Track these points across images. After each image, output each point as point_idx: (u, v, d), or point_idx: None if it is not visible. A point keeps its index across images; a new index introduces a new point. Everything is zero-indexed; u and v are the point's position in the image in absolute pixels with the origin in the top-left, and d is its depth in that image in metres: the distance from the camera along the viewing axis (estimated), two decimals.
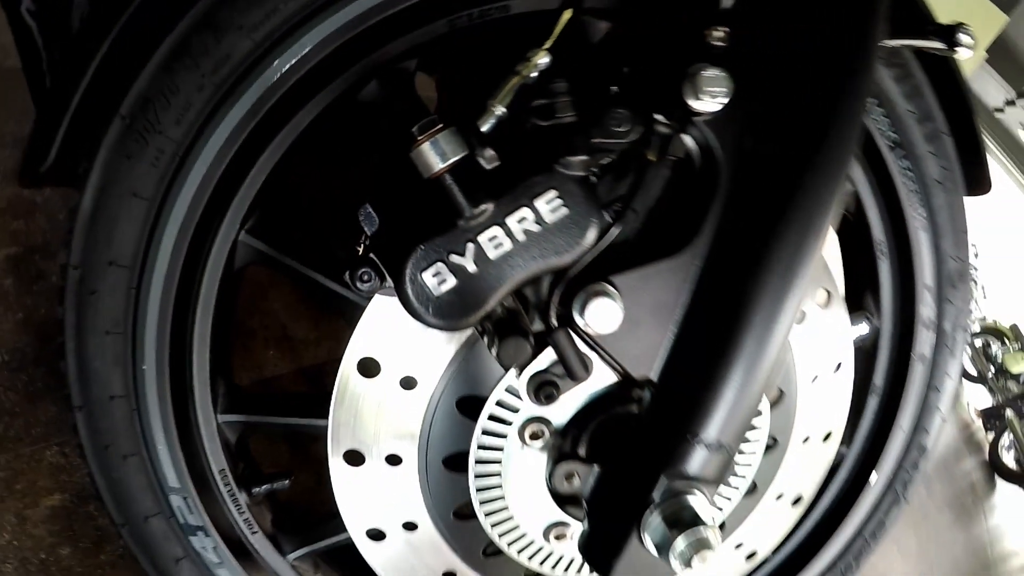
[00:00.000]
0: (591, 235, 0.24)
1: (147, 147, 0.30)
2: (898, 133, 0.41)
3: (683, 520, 0.26)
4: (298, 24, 0.28)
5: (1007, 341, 4.02)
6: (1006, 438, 3.24)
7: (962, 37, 0.33)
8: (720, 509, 0.37)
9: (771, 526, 0.43)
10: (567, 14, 0.25)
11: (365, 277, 0.25)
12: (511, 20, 0.31)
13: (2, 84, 0.65)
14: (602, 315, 0.24)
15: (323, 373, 0.55)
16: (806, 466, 0.43)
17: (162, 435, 0.36)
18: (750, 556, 0.43)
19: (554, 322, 0.25)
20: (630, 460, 0.28)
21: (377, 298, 0.28)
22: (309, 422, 0.37)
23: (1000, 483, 3.40)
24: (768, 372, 0.27)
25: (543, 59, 0.24)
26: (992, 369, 3.77)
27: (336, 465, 0.32)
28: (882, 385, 0.48)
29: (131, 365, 0.34)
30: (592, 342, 0.26)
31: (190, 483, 0.37)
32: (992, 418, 3.50)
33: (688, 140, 0.27)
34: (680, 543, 0.26)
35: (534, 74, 0.24)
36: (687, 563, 0.25)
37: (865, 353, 0.49)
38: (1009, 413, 3.35)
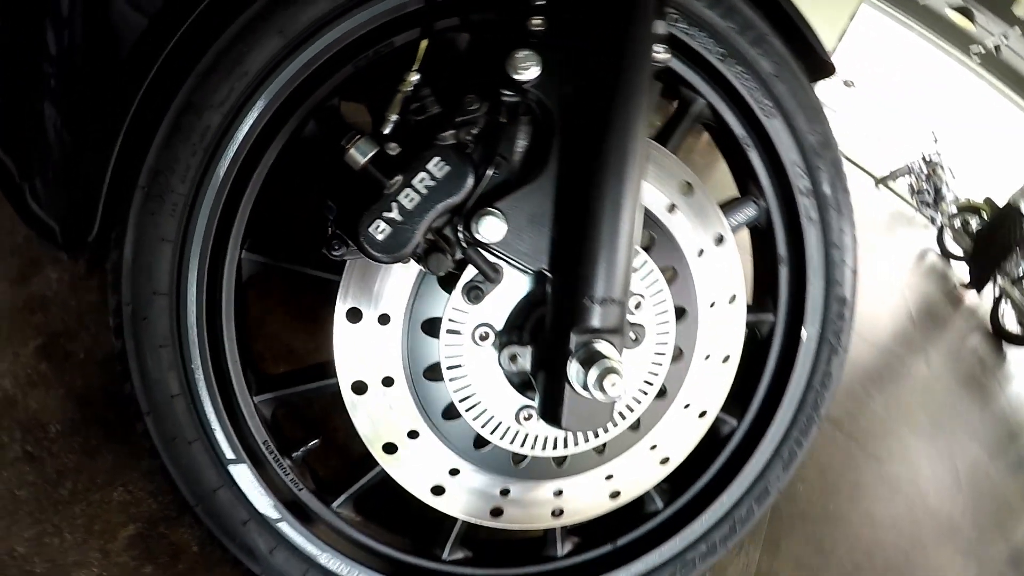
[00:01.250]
0: (470, 180, 0.42)
1: (164, 203, 0.49)
2: (724, 47, 0.60)
3: (592, 359, 0.44)
4: (250, 94, 0.47)
5: (983, 214, 4.48)
6: (1004, 306, 3.61)
7: None
8: (644, 388, 0.55)
9: (681, 434, 0.61)
10: (424, 43, 0.45)
11: (336, 246, 0.44)
12: (397, 51, 0.51)
13: None
14: (490, 228, 0.43)
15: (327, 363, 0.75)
16: (709, 382, 0.61)
17: (215, 419, 0.55)
18: (664, 461, 0.61)
19: (463, 243, 0.44)
20: (550, 331, 0.47)
21: (348, 264, 0.47)
22: (321, 384, 0.56)
23: (1010, 353, 3.78)
24: (626, 241, 0.45)
25: (414, 77, 0.43)
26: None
27: (347, 393, 0.51)
28: (786, 254, 0.66)
29: (182, 368, 0.53)
30: (493, 250, 0.44)
31: (243, 453, 0.56)
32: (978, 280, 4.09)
33: (529, 100, 0.46)
34: (592, 374, 0.44)
35: (411, 88, 0.43)
36: (601, 388, 0.44)
37: (762, 232, 0.67)
38: (1000, 281, 3.78)
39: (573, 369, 0.44)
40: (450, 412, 0.52)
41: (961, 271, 4.92)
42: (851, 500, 1.49)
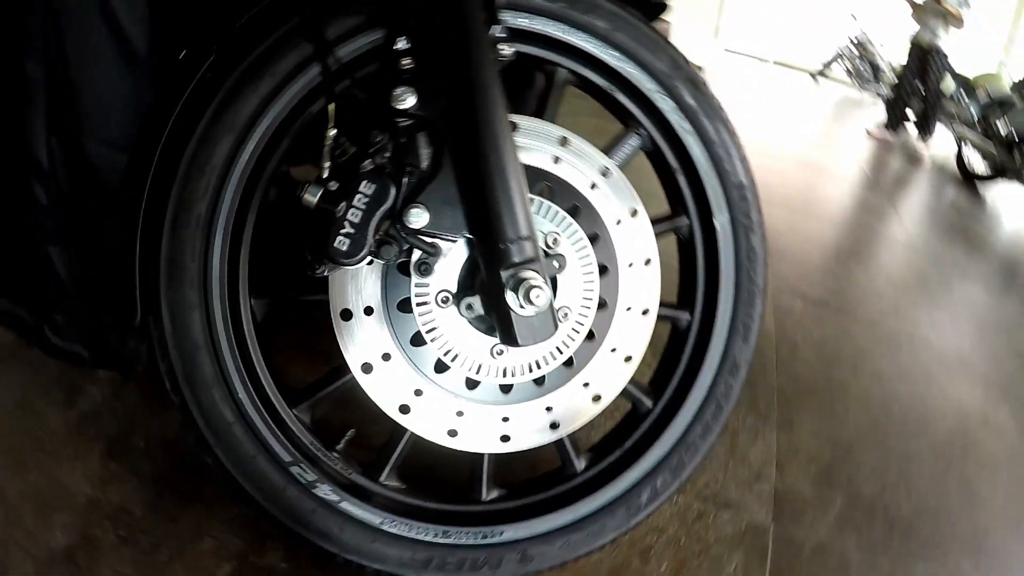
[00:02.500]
0: (392, 189, 0.70)
1: (183, 280, 0.77)
2: (564, 23, 0.87)
3: (519, 283, 0.71)
4: (222, 181, 0.75)
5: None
6: (965, 149, 4.07)
7: None
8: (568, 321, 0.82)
9: (610, 375, 0.87)
10: (331, 106, 0.72)
11: (316, 266, 0.71)
12: (317, 115, 0.79)
13: None
14: (417, 217, 0.70)
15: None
16: (631, 330, 0.87)
17: (268, 433, 0.82)
18: (596, 399, 0.88)
19: (403, 234, 0.71)
20: (486, 277, 0.74)
21: (329, 279, 0.75)
22: (338, 383, 0.83)
23: (986, 193, 4.24)
24: (516, 194, 0.72)
25: (332, 132, 0.71)
26: None
27: (359, 376, 0.78)
28: (677, 164, 0.93)
29: (232, 400, 0.80)
30: (425, 232, 0.71)
31: (298, 455, 0.83)
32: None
33: (417, 119, 0.74)
34: (521, 294, 0.71)
35: (332, 140, 0.71)
36: (530, 301, 0.70)
37: (654, 153, 0.94)
38: (958, 129, 4.37)
39: (510, 297, 0.71)
40: (440, 366, 0.79)
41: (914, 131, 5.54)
42: (854, 366, 1.74)
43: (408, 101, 0.71)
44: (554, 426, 0.86)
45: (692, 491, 1.24)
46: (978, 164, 4.65)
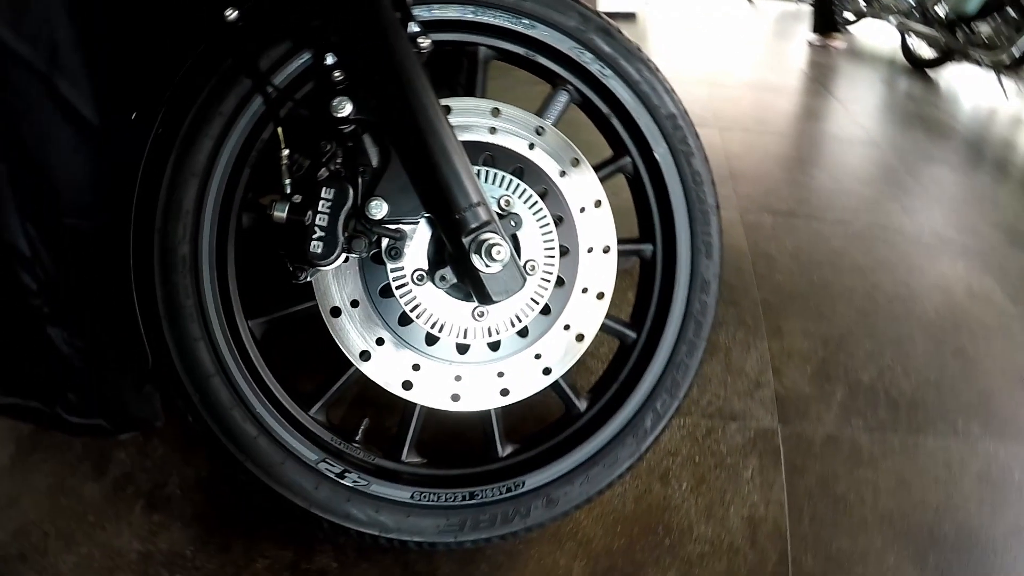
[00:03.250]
0: (350, 190, 0.78)
1: (183, 316, 0.86)
2: (471, 4, 0.96)
3: (480, 244, 0.80)
4: (197, 222, 0.84)
5: None
6: (909, 39, 4.22)
7: None
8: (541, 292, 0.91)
9: (586, 314, 0.97)
10: (279, 130, 0.81)
11: (300, 274, 0.80)
12: (269, 140, 0.88)
13: None
14: (378, 208, 0.79)
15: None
16: (596, 269, 0.97)
17: (292, 438, 0.91)
18: (579, 338, 0.97)
19: (368, 226, 0.80)
20: (452, 247, 0.83)
21: (312, 283, 0.84)
22: (344, 378, 0.92)
23: (936, 77, 4.42)
24: (459, 168, 0.81)
25: (285, 152, 0.80)
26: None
27: (360, 365, 0.87)
28: (607, 108, 1.02)
29: (251, 416, 0.89)
30: (387, 221, 0.80)
31: (322, 452, 0.92)
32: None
33: (359, 122, 0.82)
34: (483, 253, 0.80)
35: (286, 160, 0.80)
36: (492, 257, 0.80)
37: (585, 104, 1.03)
38: (898, 20, 4.53)
39: (475, 259, 0.80)
40: (430, 339, 0.89)
41: (857, 32, 5.71)
42: (832, 265, 1.84)
43: (346, 109, 0.79)
44: (547, 371, 0.95)
45: (697, 411, 1.34)
46: (925, 51, 4.77)
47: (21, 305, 1.04)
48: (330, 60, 0.83)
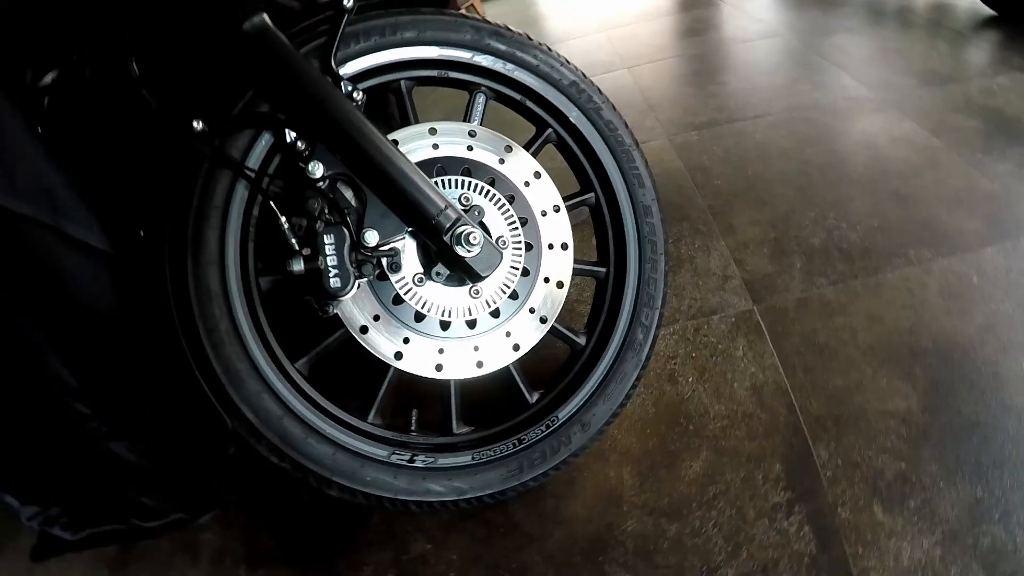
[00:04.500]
0: (345, 231, 1.00)
1: (242, 373, 1.07)
2: (379, 50, 1.18)
3: (458, 237, 1.03)
4: (229, 309, 1.06)
5: None
6: None
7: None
8: (510, 279, 1.15)
9: (558, 264, 1.19)
10: (272, 203, 1.03)
11: (327, 309, 1.02)
12: (265, 212, 1.09)
13: None
14: (372, 237, 1.01)
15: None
16: (554, 227, 1.20)
17: (363, 445, 1.13)
18: (560, 285, 1.20)
19: (368, 253, 1.03)
20: (436, 246, 1.06)
21: (338, 314, 1.06)
22: (385, 383, 1.15)
23: None
24: (419, 185, 1.03)
25: (282, 219, 1.01)
26: None
27: (394, 364, 1.10)
28: (518, 95, 1.25)
29: (321, 436, 1.11)
30: (383, 243, 1.03)
31: (389, 447, 1.14)
32: None
33: (333, 176, 1.05)
34: (463, 242, 1.03)
35: (286, 225, 1.02)
36: (470, 243, 1.03)
37: (501, 98, 1.26)
38: None
39: (458, 250, 1.02)
40: (444, 324, 1.12)
41: None
42: (762, 157, 2.11)
43: (319, 170, 1.02)
44: (543, 320, 1.18)
45: (681, 317, 1.59)
46: None
47: (80, 432, 1.23)
48: (290, 135, 1.04)
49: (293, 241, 1.00)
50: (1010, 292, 1.63)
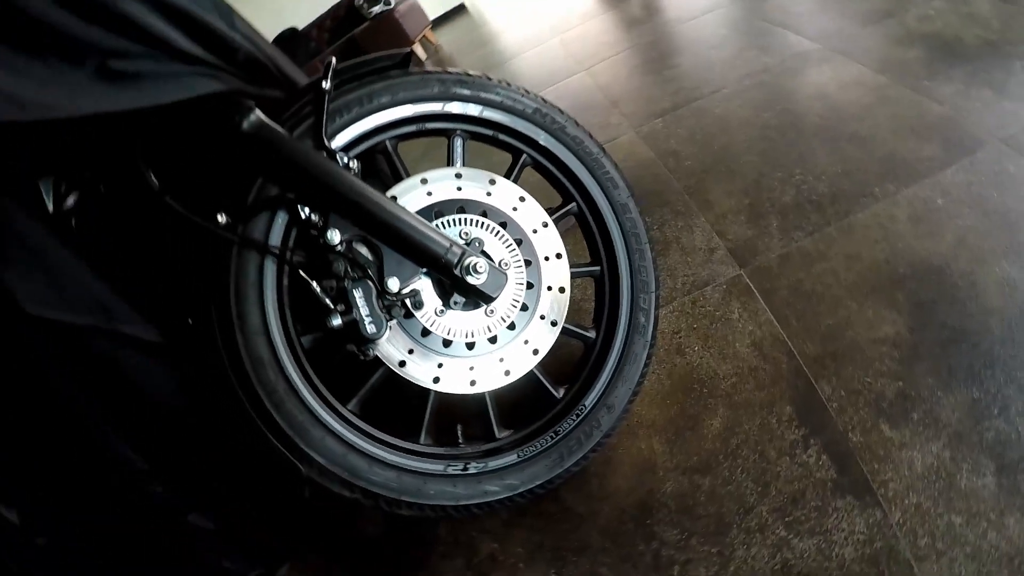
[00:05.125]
0: (370, 283, 1.17)
1: (306, 424, 1.24)
2: (360, 119, 1.35)
3: (467, 268, 1.20)
4: (285, 378, 1.23)
5: None
6: None
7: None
8: (517, 291, 1.32)
9: (557, 273, 1.36)
10: (301, 272, 1.20)
11: (368, 352, 1.19)
12: (297, 281, 1.26)
13: None
14: (394, 283, 1.18)
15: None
16: (547, 241, 1.37)
17: (420, 463, 1.29)
18: (562, 290, 1.37)
19: (394, 298, 1.20)
20: (449, 279, 1.23)
21: (376, 356, 1.23)
22: (427, 408, 1.31)
23: None
24: (420, 232, 1.20)
25: (314, 283, 1.18)
26: None
27: (431, 386, 1.27)
28: (490, 131, 1.42)
29: (385, 464, 1.27)
30: (404, 287, 1.20)
31: (443, 461, 1.30)
32: None
33: (350, 239, 1.22)
34: (471, 272, 1.20)
35: (318, 288, 1.19)
36: (477, 271, 1.20)
37: (477, 136, 1.43)
38: None
39: (468, 279, 1.19)
40: (470, 345, 1.28)
41: None
42: (724, 130, 2.31)
43: (335, 236, 1.19)
44: (554, 324, 1.35)
45: (678, 294, 1.75)
46: None
47: (158, 510, 1.39)
48: (306, 211, 1.22)
49: (327, 301, 1.17)
50: (974, 205, 1.78)
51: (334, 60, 1.30)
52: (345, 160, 1.25)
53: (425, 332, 1.26)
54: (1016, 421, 1.33)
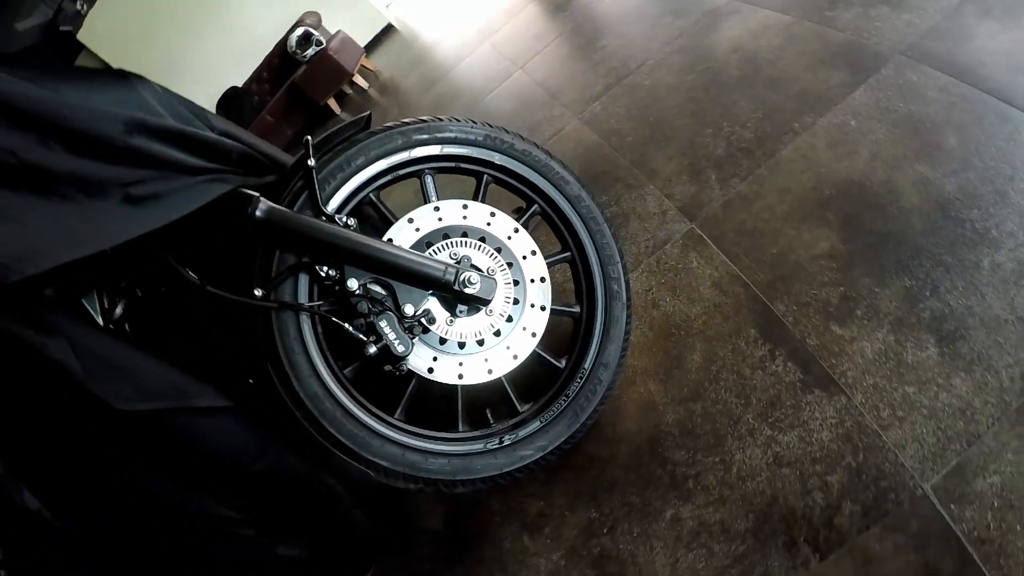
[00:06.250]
0: (391, 313, 1.49)
1: (367, 437, 1.56)
2: (347, 182, 1.66)
3: (463, 282, 1.52)
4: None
5: None
6: None
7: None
8: (505, 307, 1.63)
9: (535, 266, 1.68)
10: (333, 318, 1.51)
11: (401, 368, 1.50)
12: (332, 329, 1.58)
13: None
14: (409, 309, 1.50)
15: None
16: (521, 243, 1.68)
17: (465, 447, 1.61)
18: (532, 279, 1.69)
19: (416, 321, 1.51)
20: (451, 294, 1.54)
21: (409, 368, 1.54)
22: (458, 402, 1.63)
23: None
24: (421, 261, 1.52)
25: (346, 325, 1.49)
26: None
27: (456, 383, 1.59)
28: (476, 166, 1.73)
29: (440, 453, 1.59)
30: (419, 311, 1.51)
31: (482, 440, 1.62)
32: None
33: (368, 283, 1.53)
34: (468, 285, 1.51)
35: (351, 329, 1.50)
36: (472, 283, 1.51)
37: (458, 170, 1.74)
38: None
39: (467, 290, 1.51)
40: (480, 342, 1.60)
41: None
42: (655, 100, 2.57)
43: (353, 283, 1.50)
44: (543, 308, 1.66)
45: (644, 258, 2.07)
46: None
47: (251, 550, 1.70)
48: (322, 270, 1.53)
49: (360, 335, 1.48)
50: (884, 119, 2.08)
51: (310, 139, 1.61)
52: (343, 220, 1.55)
53: (442, 340, 1.58)
54: (947, 297, 1.62)
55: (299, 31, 6.16)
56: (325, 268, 1.52)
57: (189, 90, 1.52)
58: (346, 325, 1.49)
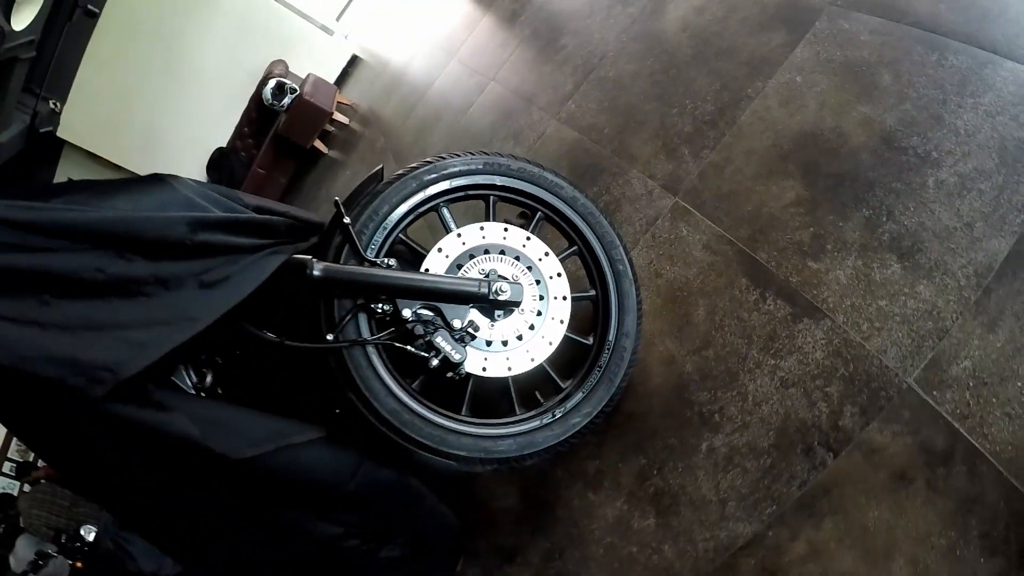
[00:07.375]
0: (443, 329, 1.84)
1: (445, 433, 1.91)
2: (378, 227, 2.01)
3: (497, 291, 1.86)
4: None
5: None
6: None
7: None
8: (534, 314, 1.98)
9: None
10: (396, 344, 1.86)
11: (461, 373, 1.86)
12: (395, 350, 1.93)
13: None
14: (458, 323, 1.84)
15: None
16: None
17: (525, 427, 1.96)
18: (551, 276, 2.04)
19: (462, 332, 1.86)
20: (487, 304, 1.90)
21: (466, 371, 1.90)
22: (512, 391, 1.98)
23: None
24: (458, 283, 1.87)
25: (408, 347, 1.85)
26: None
27: (507, 376, 1.94)
28: (495, 192, 2.08)
29: (509, 436, 1.94)
30: (464, 323, 1.86)
31: (537, 418, 1.97)
32: None
33: (415, 306, 1.89)
34: (500, 292, 1.86)
35: (411, 349, 1.85)
36: (502, 291, 1.86)
37: (474, 197, 2.09)
38: None
39: (500, 298, 1.85)
40: (519, 337, 1.95)
41: None
42: (623, 88, 2.88)
43: (407, 312, 1.85)
44: (564, 298, 2.00)
45: (642, 237, 2.41)
46: None
47: (358, 558, 2.04)
48: (377, 307, 1.88)
49: (422, 353, 1.83)
50: (824, 70, 2.38)
51: (338, 199, 1.95)
52: (384, 262, 1.90)
53: (488, 343, 1.93)
54: (901, 219, 1.91)
55: (271, 83, 6.47)
56: (379, 305, 1.86)
57: (176, 160, 1.80)
58: (408, 347, 1.84)
